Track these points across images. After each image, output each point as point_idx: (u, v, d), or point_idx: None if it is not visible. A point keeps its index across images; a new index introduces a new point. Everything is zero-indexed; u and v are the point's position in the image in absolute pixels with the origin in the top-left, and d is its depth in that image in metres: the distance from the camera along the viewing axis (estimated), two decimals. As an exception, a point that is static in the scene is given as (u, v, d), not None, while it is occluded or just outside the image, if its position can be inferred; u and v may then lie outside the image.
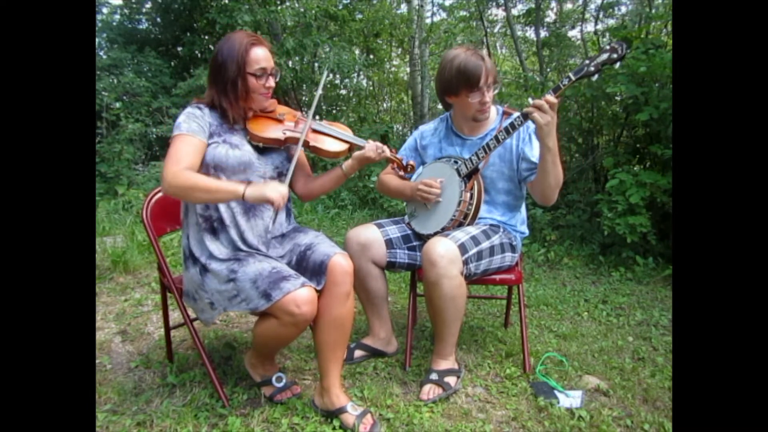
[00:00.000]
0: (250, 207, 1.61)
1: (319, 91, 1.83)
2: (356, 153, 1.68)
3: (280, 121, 1.66)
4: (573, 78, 1.61)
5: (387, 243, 1.91)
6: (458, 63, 1.74)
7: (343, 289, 1.53)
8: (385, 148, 1.71)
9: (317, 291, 1.51)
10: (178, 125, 1.52)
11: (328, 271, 1.52)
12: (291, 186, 1.79)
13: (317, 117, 1.74)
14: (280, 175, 1.67)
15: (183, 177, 1.44)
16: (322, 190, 1.77)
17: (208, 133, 1.56)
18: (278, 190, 1.44)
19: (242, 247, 1.58)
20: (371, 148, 1.67)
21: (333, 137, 1.69)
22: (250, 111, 1.63)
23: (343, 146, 1.69)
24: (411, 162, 1.83)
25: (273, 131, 1.62)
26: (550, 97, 1.59)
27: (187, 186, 1.43)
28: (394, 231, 1.95)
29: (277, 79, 1.64)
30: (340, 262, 1.53)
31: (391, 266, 1.94)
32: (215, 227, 1.59)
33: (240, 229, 1.59)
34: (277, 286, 1.43)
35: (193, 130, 1.52)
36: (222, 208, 1.58)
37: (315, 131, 1.69)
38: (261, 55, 1.56)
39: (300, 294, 1.42)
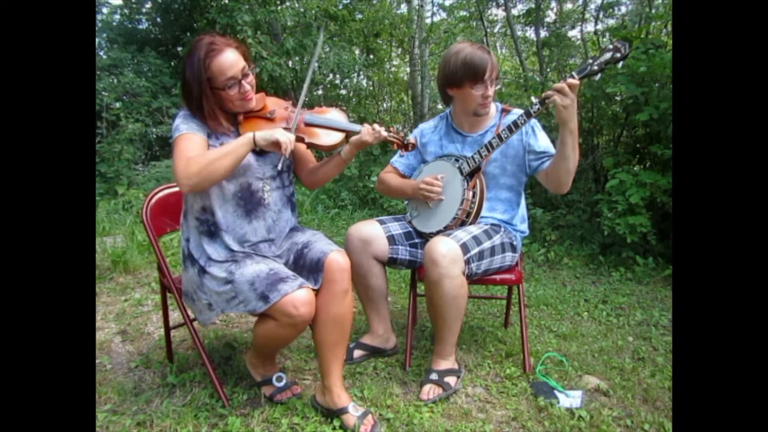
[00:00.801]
0: (251, 209, 1.60)
1: (307, 81, 1.74)
2: (353, 138, 1.64)
3: (271, 119, 1.62)
4: (576, 77, 1.61)
5: (389, 239, 1.91)
6: (464, 55, 1.75)
7: (340, 287, 1.53)
8: (382, 129, 1.65)
9: (315, 290, 1.51)
10: (177, 127, 1.51)
11: (324, 268, 1.52)
12: (296, 175, 1.78)
13: (309, 106, 1.69)
14: (279, 174, 1.66)
15: (194, 162, 1.42)
16: (326, 177, 1.75)
17: (206, 134, 1.55)
18: (286, 135, 1.47)
19: (238, 249, 1.58)
20: (367, 131, 1.63)
21: (327, 128, 1.66)
22: (239, 115, 1.60)
23: (339, 136, 1.65)
24: (411, 140, 1.75)
25: None
26: (572, 80, 1.58)
27: (203, 166, 1.42)
28: (396, 227, 1.95)
29: (253, 75, 1.57)
30: (337, 259, 1.53)
31: (392, 262, 1.94)
32: (211, 230, 1.59)
33: (235, 234, 1.58)
34: (274, 287, 1.43)
35: (192, 129, 1.51)
36: (219, 213, 1.56)
37: (309, 124, 1.65)
38: (225, 64, 1.47)
39: (297, 295, 1.42)
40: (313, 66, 1.80)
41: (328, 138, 1.65)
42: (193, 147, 1.48)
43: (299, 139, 1.62)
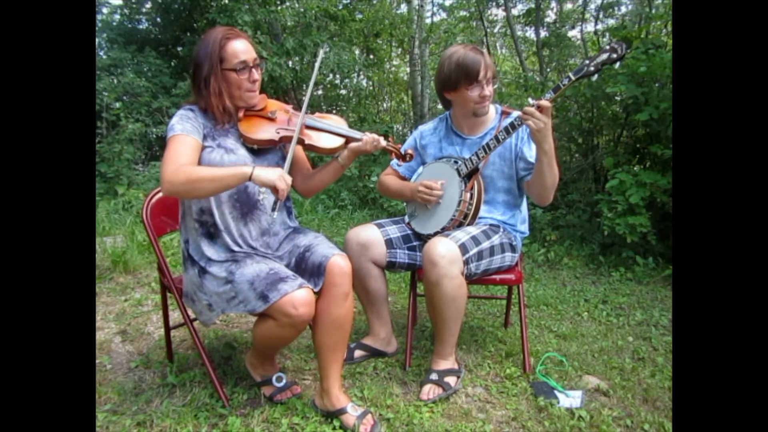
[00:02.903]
0: (246, 212, 1.60)
1: (311, 86, 1.77)
2: (352, 144, 1.65)
3: (272, 119, 1.62)
4: (573, 78, 1.61)
5: (387, 243, 1.91)
6: (457, 58, 1.76)
7: (341, 290, 1.53)
8: (381, 138, 1.66)
9: (315, 292, 1.51)
10: (172, 127, 1.50)
11: (326, 272, 1.52)
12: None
13: (310, 110, 1.69)
14: None
15: (183, 172, 1.41)
16: (321, 184, 1.74)
17: (202, 135, 1.54)
18: (285, 179, 1.44)
19: (238, 250, 1.58)
20: (367, 139, 1.64)
21: (328, 132, 1.66)
22: (240, 111, 1.60)
23: (339, 141, 1.65)
24: (409, 150, 1.77)
25: (266, 132, 1.59)
26: (544, 102, 1.59)
27: (190, 180, 1.40)
28: (394, 231, 1.95)
29: (262, 70, 1.59)
30: (339, 263, 1.53)
31: (391, 266, 1.94)
32: (211, 232, 1.58)
33: (234, 235, 1.58)
34: (274, 287, 1.42)
35: (187, 130, 1.50)
36: (216, 214, 1.56)
37: (309, 127, 1.65)
38: (239, 48, 1.51)
39: (297, 295, 1.42)
40: (315, 75, 1.81)
41: (327, 141, 1.65)
42: (185, 151, 1.47)
43: (299, 141, 1.62)
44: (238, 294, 1.47)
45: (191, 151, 1.48)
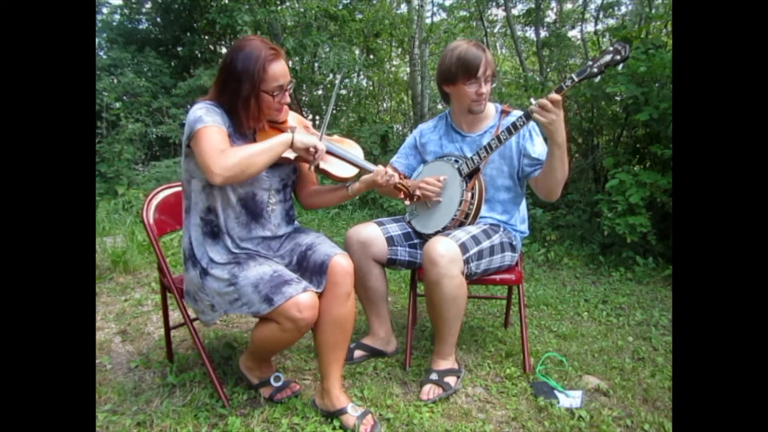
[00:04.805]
0: (251, 219, 1.59)
1: (330, 108, 1.76)
2: (364, 177, 1.65)
3: None
4: (576, 79, 1.61)
5: (388, 240, 1.91)
6: (459, 52, 1.76)
7: (343, 290, 1.53)
8: (395, 174, 1.67)
9: (318, 293, 1.51)
10: (200, 119, 1.43)
11: (328, 271, 1.52)
12: (295, 192, 1.79)
13: (328, 132, 1.67)
14: (285, 187, 1.67)
15: (231, 154, 1.38)
16: (324, 204, 1.76)
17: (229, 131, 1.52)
18: (321, 143, 1.51)
19: (238, 252, 1.57)
20: (380, 173, 1.63)
21: (344, 160, 1.65)
22: (261, 123, 1.59)
23: (353, 171, 1.66)
24: (418, 193, 1.80)
25: None
26: (554, 95, 1.58)
27: (242, 158, 1.38)
28: (395, 228, 1.95)
29: (291, 91, 1.58)
30: (341, 263, 1.53)
31: (391, 263, 1.94)
32: (214, 231, 1.58)
33: (234, 238, 1.57)
34: (278, 290, 1.42)
35: (217, 122, 1.46)
36: (221, 216, 1.56)
37: (327, 152, 1.62)
38: (279, 72, 1.49)
39: (302, 298, 1.42)
40: (335, 99, 1.81)
41: (342, 169, 1.65)
42: (221, 139, 1.42)
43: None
44: (242, 296, 1.47)
45: (225, 139, 1.45)
